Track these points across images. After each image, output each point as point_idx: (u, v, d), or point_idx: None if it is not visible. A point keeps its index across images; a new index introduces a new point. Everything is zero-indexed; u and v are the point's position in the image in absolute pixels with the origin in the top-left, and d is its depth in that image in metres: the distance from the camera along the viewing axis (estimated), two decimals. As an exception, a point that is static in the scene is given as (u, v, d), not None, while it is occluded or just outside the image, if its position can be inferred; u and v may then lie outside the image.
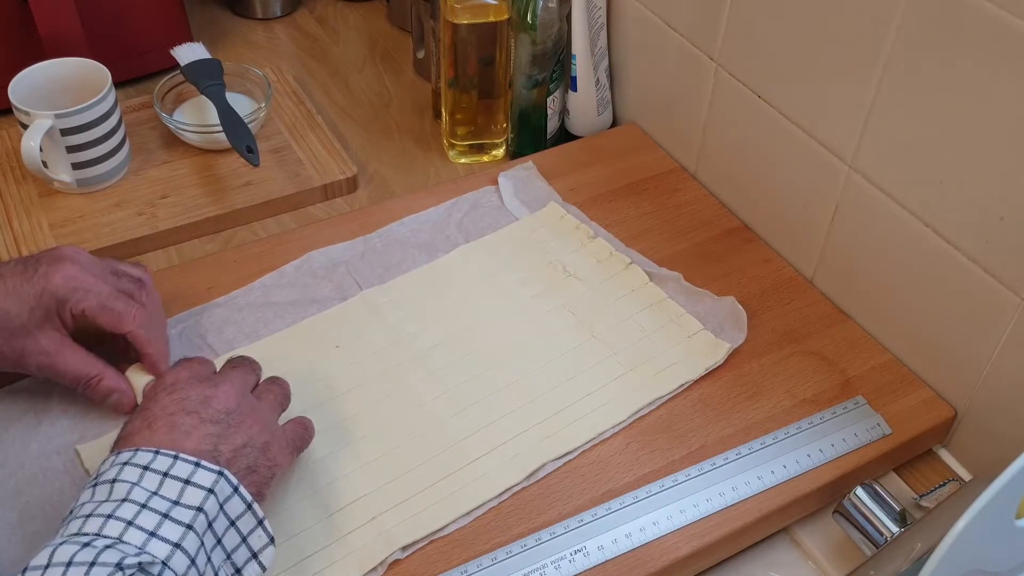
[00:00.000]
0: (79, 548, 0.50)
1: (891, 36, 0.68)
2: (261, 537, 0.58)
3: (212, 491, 0.55)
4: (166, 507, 0.54)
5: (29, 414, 0.71)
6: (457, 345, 0.76)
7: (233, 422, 0.60)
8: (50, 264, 0.67)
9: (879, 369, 0.76)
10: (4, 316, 0.65)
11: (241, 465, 0.58)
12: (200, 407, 0.59)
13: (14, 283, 0.66)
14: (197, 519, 0.54)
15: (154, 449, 0.56)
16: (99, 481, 0.55)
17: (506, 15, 0.89)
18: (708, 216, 0.89)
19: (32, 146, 0.84)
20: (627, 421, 0.72)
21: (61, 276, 0.66)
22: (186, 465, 0.56)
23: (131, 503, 0.53)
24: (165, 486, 0.55)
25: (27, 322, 0.66)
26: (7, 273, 0.66)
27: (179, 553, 0.52)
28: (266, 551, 0.58)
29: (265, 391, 0.65)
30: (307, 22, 1.18)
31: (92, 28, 0.97)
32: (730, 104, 0.85)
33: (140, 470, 0.55)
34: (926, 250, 0.71)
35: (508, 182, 0.90)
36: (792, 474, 0.68)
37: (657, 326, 0.78)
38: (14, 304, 0.65)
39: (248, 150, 0.89)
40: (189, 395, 0.60)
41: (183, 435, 0.58)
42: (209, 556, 0.55)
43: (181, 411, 0.59)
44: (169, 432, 0.58)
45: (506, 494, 0.67)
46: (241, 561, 0.57)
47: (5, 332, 0.65)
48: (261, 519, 0.58)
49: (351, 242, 0.84)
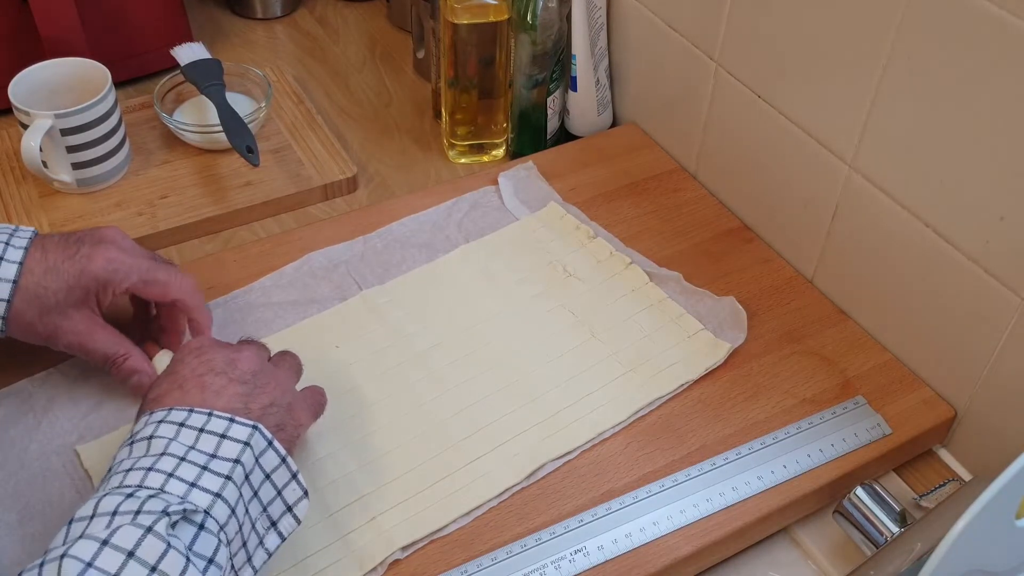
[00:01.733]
0: (123, 498, 0.51)
1: (891, 36, 0.68)
2: (295, 490, 0.59)
3: (248, 444, 0.56)
4: (204, 460, 0.55)
5: (29, 415, 0.71)
6: (457, 345, 0.76)
7: (259, 382, 0.61)
8: (92, 246, 0.68)
9: (879, 369, 0.76)
10: (43, 292, 0.66)
11: (270, 423, 0.60)
12: (228, 368, 0.61)
13: (55, 259, 0.67)
14: (235, 471, 0.55)
15: (188, 407, 0.57)
16: (135, 439, 0.56)
17: (506, 15, 0.89)
18: (708, 216, 0.89)
19: (32, 146, 0.84)
20: (627, 421, 0.72)
21: (102, 259, 0.67)
22: (221, 421, 0.57)
23: (170, 456, 0.54)
24: (202, 441, 0.55)
25: (63, 300, 0.67)
26: (49, 247, 0.68)
27: (220, 503, 0.53)
28: (300, 504, 0.59)
29: (280, 360, 0.67)
30: (307, 22, 1.18)
31: (92, 28, 0.97)
32: (730, 104, 0.85)
33: (176, 427, 0.56)
34: (926, 250, 0.71)
35: (508, 182, 0.90)
36: (792, 474, 0.68)
37: (657, 326, 0.78)
38: (53, 281, 0.66)
39: (248, 150, 0.89)
40: (215, 357, 0.61)
41: (214, 394, 0.59)
42: (247, 508, 0.56)
43: (210, 372, 0.60)
44: (200, 392, 0.59)
45: (506, 494, 0.67)
46: (276, 514, 0.58)
47: (41, 308, 0.67)
48: (295, 472, 0.59)
49: (351, 242, 0.84)
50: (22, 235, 0.68)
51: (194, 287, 0.71)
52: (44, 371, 0.73)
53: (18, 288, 0.66)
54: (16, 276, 0.66)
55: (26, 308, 0.67)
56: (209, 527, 0.52)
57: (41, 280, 0.66)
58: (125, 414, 0.71)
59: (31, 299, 0.66)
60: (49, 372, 0.73)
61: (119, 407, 0.71)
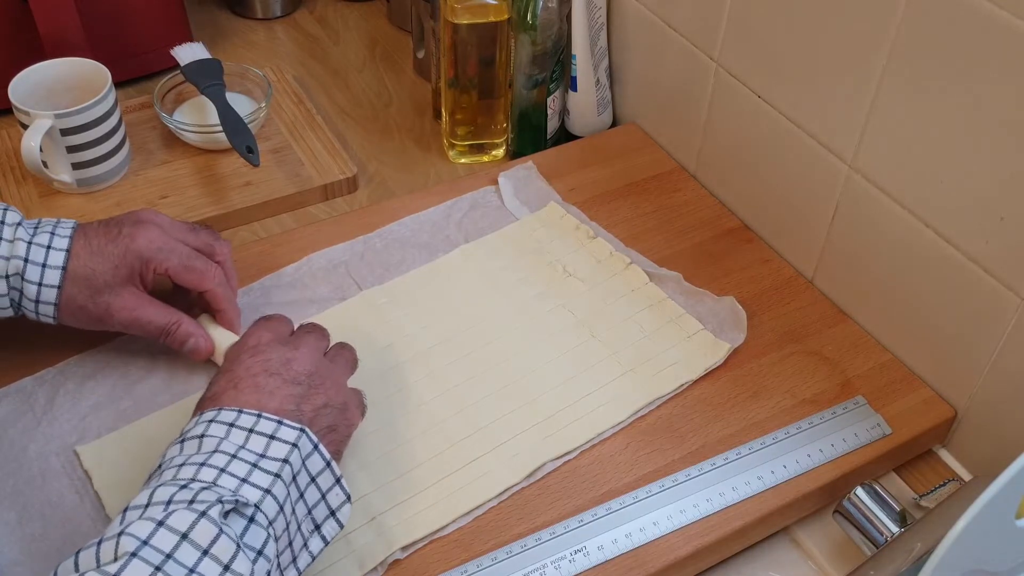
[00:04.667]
0: (177, 489, 0.53)
1: (891, 36, 0.68)
2: (339, 495, 0.59)
3: (296, 446, 0.57)
4: (254, 459, 0.56)
5: (28, 415, 0.71)
6: (457, 345, 0.76)
7: (314, 383, 0.62)
8: (132, 226, 0.71)
9: (879, 369, 0.76)
10: (91, 274, 0.69)
11: (322, 424, 0.61)
12: (282, 369, 0.61)
13: (99, 243, 0.70)
14: (283, 470, 0.56)
15: (237, 408, 0.58)
16: (186, 437, 0.57)
17: (506, 15, 0.89)
18: (708, 216, 0.89)
19: (32, 146, 0.84)
20: (627, 421, 0.72)
21: (144, 238, 0.70)
22: (269, 422, 0.58)
23: (221, 454, 0.55)
24: (251, 441, 0.57)
25: (111, 280, 0.69)
26: (91, 233, 0.70)
27: (269, 498, 0.54)
28: (343, 508, 0.60)
29: (336, 355, 0.68)
30: (307, 22, 1.18)
31: (92, 28, 0.97)
32: (730, 104, 0.85)
33: (226, 427, 0.57)
34: (926, 250, 0.71)
35: (508, 182, 0.90)
36: (792, 474, 0.68)
37: (657, 326, 0.78)
38: (100, 263, 0.69)
39: (248, 150, 0.89)
40: (271, 357, 0.62)
41: (267, 395, 0.60)
42: (294, 508, 0.57)
43: (264, 372, 0.61)
44: (254, 392, 0.60)
45: (506, 494, 0.67)
46: (320, 517, 0.59)
47: (92, 289, 0.69)
48: (339, 477, 0.59)
49: (350, 242, 0.84)
50: (65, 225, 0.71)
51: (224, 280, 0.73)
52: (44, 370, 0.73)
53: (67, 274, 0.69)
54: (64, 263, 0.68)
55: (77, 292, 0.69)
56: (259, 521, 0.53)
57: (88, 263, 0.69)
58: (125, 415, 0.71)
59: (81, 283, 0.69)
60: (49, 371, 0.73)
61: (119, 408, 0.71)
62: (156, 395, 0.72)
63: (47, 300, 0.69)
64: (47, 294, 0.68)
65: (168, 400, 0.72)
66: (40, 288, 0.68)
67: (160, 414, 0.71)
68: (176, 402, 0.72)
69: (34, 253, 0.68)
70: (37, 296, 0.68)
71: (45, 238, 0.69)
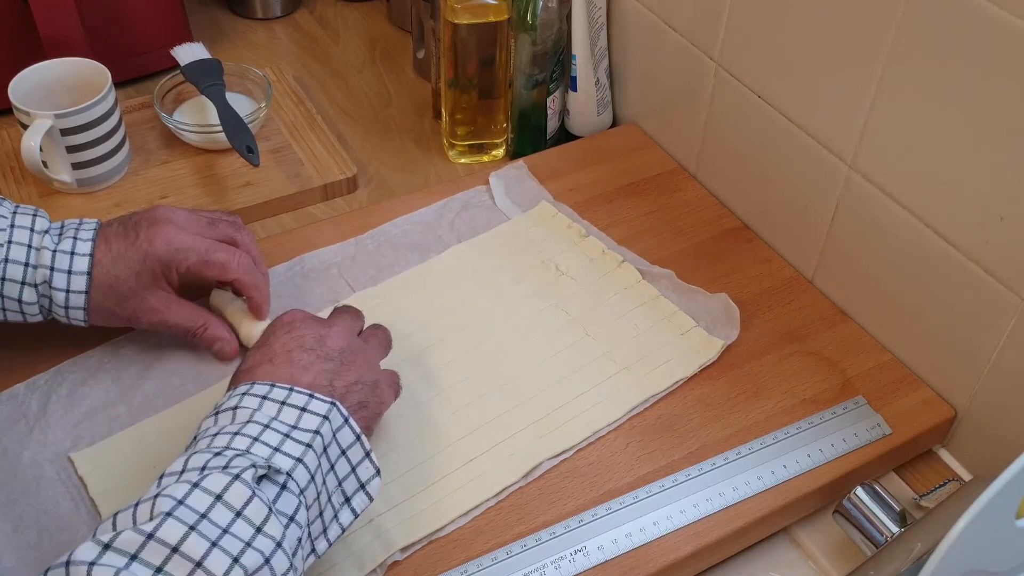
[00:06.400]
0: (211, 456, 0.54)
1: (891, 36, 0.68)
2: (368, 468, 0.60)
3: (327, 418, 0.58)
4: (286, 429, 0.57)
5: (20, 423, 0.70)
6: (451, 346, 0.76)
7: (346, 360, 0.63)
8: (149, 227, 0.71)
9: (879, 369, 0.76)
10: (115, 281, 0.70)
11: (353, 400, 0.62)
12: (316, 345, 0.63)
13: (119, 248, 0.70)
14: (315, 440, 0.57)
15: (271, 382, 0.59)
16: (220, 410, 0.59)
17: (506, 15, 0.89)
18: (708, 216, 0.89)
19: (32, 146, 0.84)
20: (622, 419, 0.72)
21: (161, 240, 0.70)
22: (301, 395, 0.59)
23: (255, 424, 0.57)
24: (284, 413, 0.58)
25: (135, 286, 0.70)
26: (111, 238, 0.70)
27: (301, 467, 0.55)
28: (373, 482, 0.60)
29: (370, 335, 0.69)
30: (307, 22, 1.18)
31: (92, 28, 0.97)
32: (730, 104, 0.85)
33: (259, 399, 0.58)
34: (926, 250, 0.71)
35: (499, 182, 0.90)
36: (792, 474, 0.68)
37: (650, 324, 0.78)
38: (122, 269, 0.70)
39: (248, 150, 0.89)
40: (305, 333, 0.63)
41: (301, 370, 0.61)
42: (324, 479, 0.57)
43: (299, 348, 0.62)
44: (289, 367, 0.61)
45: (503, 494, 0.67)
46: (351, 490, 0.60)
47: (117, 296, 0.70)
48: (368, 451, 0.60)
49: (343, 244, 0.84)
50: (87, 227, 0.71)
51: (250, 266, 0.73)
52: (36, 376, 0.73)
53: (92, 280, 0.69)
54: (89, 268, 0.69)
55: (103, 299, 0.70)
56: (291, 488, 0.54)
57: (111, 270, 0.69)
58: (119, 421, 0.71)
59: (106, 290, 0.70)
60: (41, 376, 0.73)
61: (113, 414, 0.71)
62: (150, 401, 0.72)
63: (76, 306, 0.69)
64: (75, 300, 0.69)
65: (162, 405, 0.72)
66: (68, 295, 0.69)
67: (154, 419, 0.71)
68: (170, 407, 0.72)
69: (59, 261, 0.69)
70: (66, 303, 0.69)
71: (68, 243, 0.69)
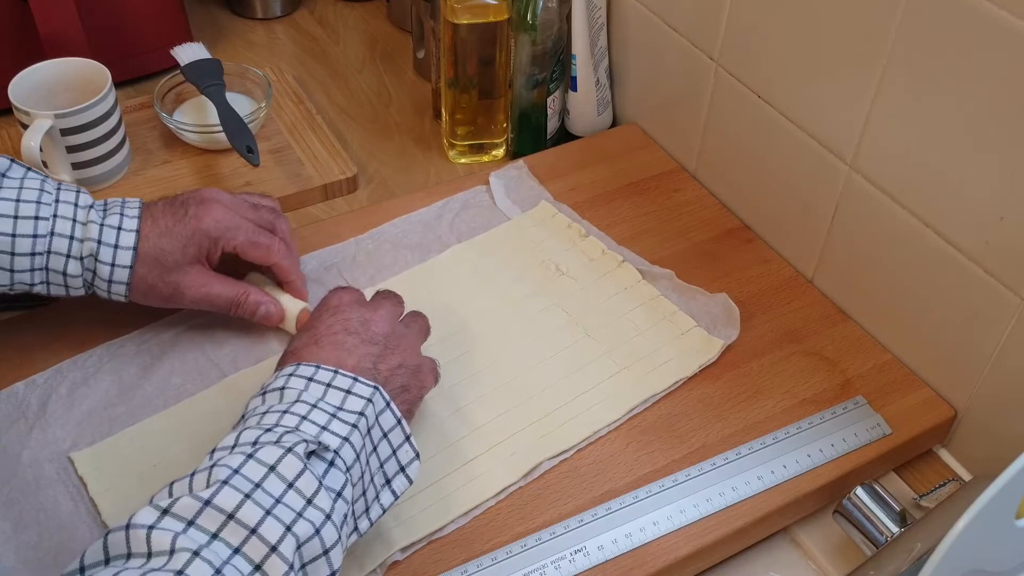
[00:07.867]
0: (262, 432, 0.55)
1: (891, 36, 0.68)
2: (408, 452, 0.62)
3: (370, 400, 0.60)
4: (332, 410, 0.58)
5: (20, 422, 0.70)
6: (451, 346, 0.76)
7: (390, 344, 0.65)
8: (198, 206, 0.73)
9: (879, 369, 0.76)
10: (161, 254, 0.71)
11: (396, 384, 0.63)
12: (361, 328, 0.64)
13: (166, 223, 0.72)
14: (360, 422, 0.58)
15: (315, 364, 0.61)
16: (267, 390, 0.60)
17: (506, 15, 0.89)
18: (708, 216, 0.89)
19: (32, 146, 0.84)
20: (623, 419, 0.72)
21: (211, 218, 0.72)
22: (345, 379, 0.60)
23: (302, 403, 0.58)
24: (329, 394, 0.59)
25: (180, 259, 0.72)
26: (158, 214, 0.72)
27: (347, 446, 0.57)
28: (412, 465, 0.62)
29: (411, 321, 0.70)
30: (307, 22, 1.18)
31: (92, 28, 0.97)
32: (730, 104, 0.85)
33: (305, 380, 0.60)
34: (926, 250, 0.71)
35: (499, 182, 0.90)
36: (792, 474, 0.68)
37: (650, 324, 0.78)
38: (169, 243, 0.71)
39: (248, 150, 0.89)
40: (350, 317, 0.65)
41: (346, 353, 0.62)
42: (368, 460, 0.59)
43: (344, 331, 0.64)
44: (334, 349, 0.62)
45: (503, 494, 0.67)
46: (391, 472, 0.61)
47: (162, 268, 0.71)
48: (408, 434, 0.62)
49: (342, 244, 0.84)
50: (132, 205, 0.72)
51: (288, 251, 0.76)
52: (35, 374, 0.73)
53: (138, 254, 0.70)
54: (135, 243, 0.70)
55: (147, 272, 0.71)
56: (338, 465, 0.56)
57: (157, 243, 0.71)
58: (119, 421, 0.71)
59: (151, 262, 0.71)
60: (40, 375, 0.73)
61: (113, 414, 0.71)
62: (150, 400, 0.72)
63: (119, 280, 0.71)
64: (119, 274, 0.70)
65: (162, 405, 0.72)
66: (113, 268, 0.70)
67: (155, 419, 0.71)
68: (170, 407, 0.72)
69: (106, 235, 0.70)
70: (110, 276, 0.70)
71: (115, 219, 0.70)
